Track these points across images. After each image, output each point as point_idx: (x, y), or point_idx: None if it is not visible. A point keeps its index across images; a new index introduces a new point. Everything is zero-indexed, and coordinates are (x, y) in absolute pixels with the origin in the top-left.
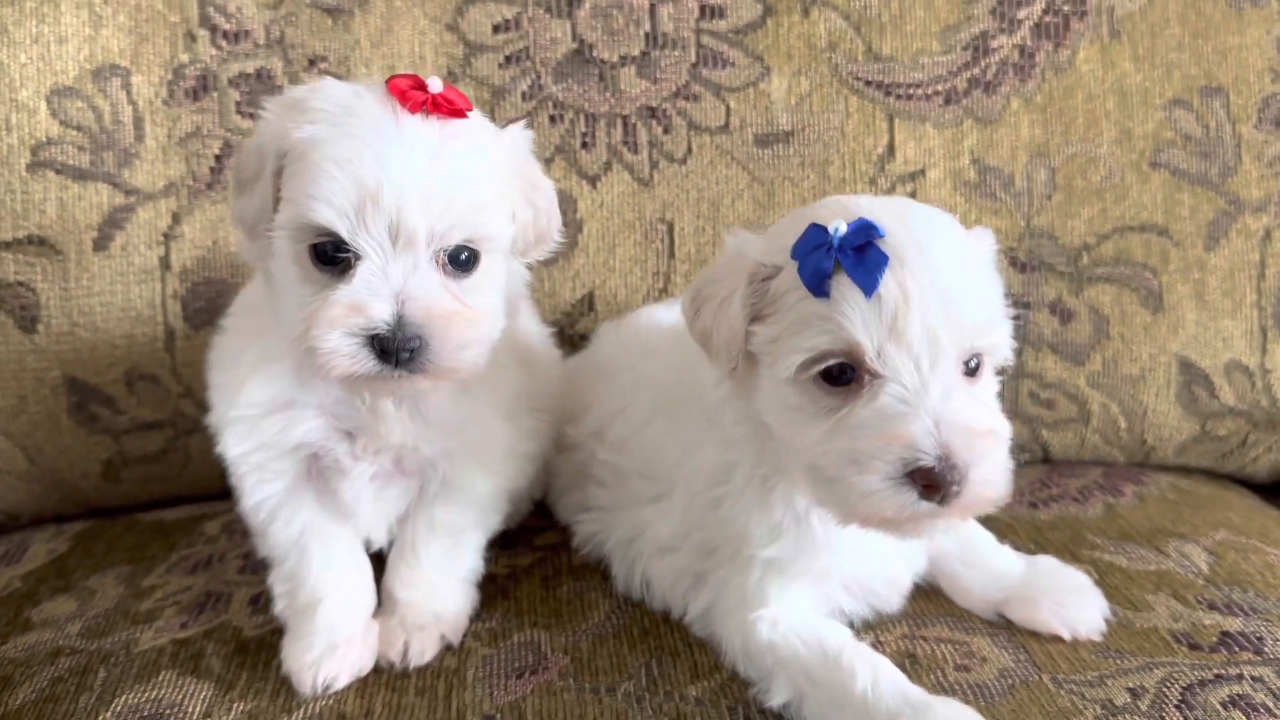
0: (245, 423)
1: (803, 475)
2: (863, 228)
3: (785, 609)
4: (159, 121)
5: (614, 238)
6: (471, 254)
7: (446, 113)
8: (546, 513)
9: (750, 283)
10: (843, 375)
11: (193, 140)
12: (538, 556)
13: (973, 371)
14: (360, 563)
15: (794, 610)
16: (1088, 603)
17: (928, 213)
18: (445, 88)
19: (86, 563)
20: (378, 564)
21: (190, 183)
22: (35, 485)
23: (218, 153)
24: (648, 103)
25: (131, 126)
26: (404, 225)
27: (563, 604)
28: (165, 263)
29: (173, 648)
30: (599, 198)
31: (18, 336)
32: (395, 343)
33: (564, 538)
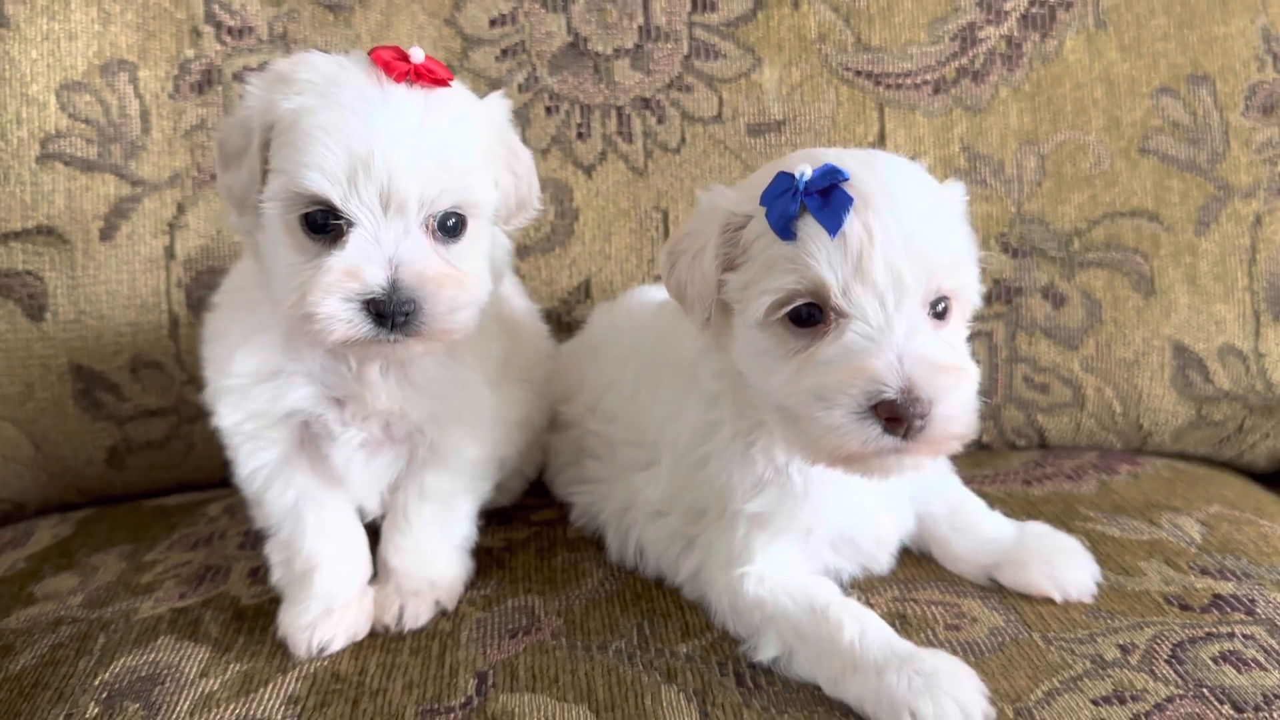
0: (236, 392)
1: (773, 418)
2: (828, 172)
3: (772, 565)
4: (165, 115)
5: (609, 226)
6: (459, 220)
7: (429, 81)
8: (544, 492)
9: (722, 232)
10: (810, 317)
11: (197, 133)
12: (534, 531)
13: (941, 315)
14: (354, 531)
15: (781, 566)
16: (1078, 564)
17: (894, 160)
18: (426, 58)
19: (89, 543)
20: (374, 537)
21: (195, 174)
22: (41, 473)
23: None
24: (642, 94)
25: (138, 120)
26: (395, 191)
27: (557, 572)
28: (170, 252)
29: (171, 615)
30: (594, 187)
31: (25, 325)
32: (391, 306)
33: (560, 515)
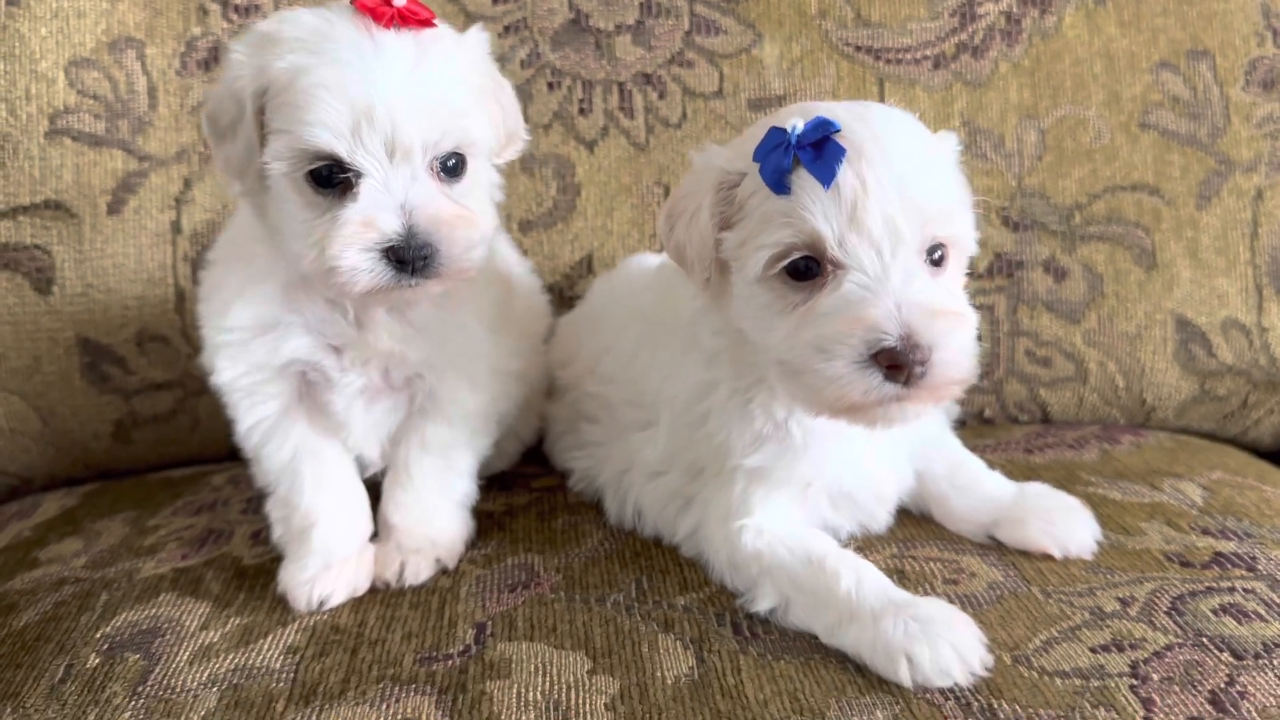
0: (234, 345)
1: (774, 373)
2: (819, 124)
3: (770, 518)
4: (172, 91)
5: (611, 201)
6: (460, 160)
7: (415, 23)
8: (544, 462)
9: (717, 191)
10: (808, 270)
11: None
12: (534, 496)
13: (938, 263)
14: (353, 486)
15: (779, 520)
16: (1078, 522)
17: (887, 110)
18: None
19: (94, 511)
20: (375, 498)
21: (201, 149)
22: (49, 447)
23: None
24: (643, 69)
25: (145, 96)
26: (399, 139)
27: (557, 533)
28: (176, 226)
29: (173, 575)
30: (596, 162)
31: (33, 298)
32: (410, 252)
33: (560, 482)
